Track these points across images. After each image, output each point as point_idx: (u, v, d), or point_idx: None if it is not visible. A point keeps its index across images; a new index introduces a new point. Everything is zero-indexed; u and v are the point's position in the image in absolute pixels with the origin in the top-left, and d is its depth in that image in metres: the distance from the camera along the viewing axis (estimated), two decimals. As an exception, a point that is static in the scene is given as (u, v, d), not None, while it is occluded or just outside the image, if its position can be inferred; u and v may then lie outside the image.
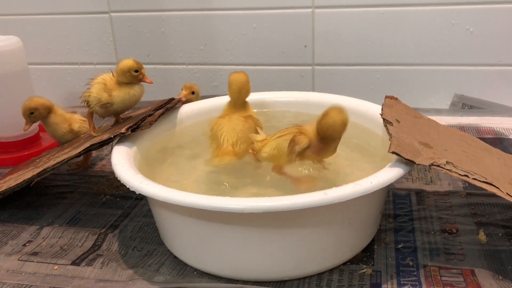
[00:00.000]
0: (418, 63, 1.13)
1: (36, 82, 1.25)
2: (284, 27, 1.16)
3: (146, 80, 0.80)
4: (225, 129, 0.72)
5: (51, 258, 0.68)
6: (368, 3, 1.10)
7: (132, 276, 0.64)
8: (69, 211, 0.80)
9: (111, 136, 0.72)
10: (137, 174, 0.62)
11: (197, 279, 0.63)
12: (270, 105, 0.89)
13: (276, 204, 0.54)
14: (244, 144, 0.71)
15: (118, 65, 0.78)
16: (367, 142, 0.77)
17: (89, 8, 1.23)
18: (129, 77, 0.78)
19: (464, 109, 1.12)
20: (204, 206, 0.55)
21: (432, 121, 0.76)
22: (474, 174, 0.58)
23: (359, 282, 0.61)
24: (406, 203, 0.77)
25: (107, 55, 1.27)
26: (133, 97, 0.80)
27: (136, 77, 0.79)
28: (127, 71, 0.78)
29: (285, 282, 0.61)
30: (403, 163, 0.60)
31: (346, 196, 0.55)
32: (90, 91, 0.79)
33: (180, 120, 0.85)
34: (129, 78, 0.78)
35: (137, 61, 0.78)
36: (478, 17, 1.07)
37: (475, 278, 0.60)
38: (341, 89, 1.16)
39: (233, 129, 0.72)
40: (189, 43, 1.22)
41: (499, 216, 0.72)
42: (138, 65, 0.78)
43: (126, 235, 0.73)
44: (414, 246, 0.67)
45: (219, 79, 1.23)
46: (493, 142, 0.93)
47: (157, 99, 1.22)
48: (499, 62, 1.09)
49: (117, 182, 0.84)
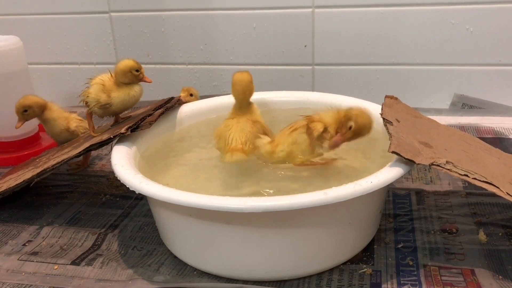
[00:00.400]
0: (418, 63, 1.13)
1: (36, 82, 1.25)
2: (284, 27, 1.16)
3: (146, 79, 0.80)
4: (233, 130, 0.72)
5: (51, 258, 0.68)
6: (368, 3, 1.10)
7: (132, 275, 0.64)
8: (69, 211, 0.80)
9: (111, 136, 0.72)
10: (137, 174, 0.62)
11: (197, 278, 0.63)
12: (270, 105, 0.89)
13: (275, 204, 0.54)
14: (252, 145, 0.71)
15: (117, 65, 0.78)
16: (367, 142, 0.77)
17: (89, 8, 1.23)
18: (130, 77, 0.78)
19: (464, 109, 1.12)
20: (204, 206, 0.55)
21: (432, 121, 0.76)
22: (474, 174, 0.58)
23: (359, 282, 0.61)
24: (406, 203, 0.77)
25: (107, 55, 1.27)
26: (132, 97, 0.80)
27: (137, 76, 0.79)
28: (128, 71, 0.78)
29: (285, 282, 0.61)
30: (403, 162, 0.60)
31: (346, 196, 0.55)
32: (89, 92, 0.79)
33: (180, 120, 0.85)
34: (130, 78, 0.78)
35: (137, 61, 0.79)
36: (478, 17, 1.07)
37: (475, 277, 0.60)
38: (341, 88, 1.16)
39: (242, 129, 0.72)
40: (189, 43, 1.22)
41: (499, 215, 0.72)
42: (138, 64, 0.78)
43: (126, 235, 0.73)
44: (414, 246, 0.67)
45: (219, 79, 1.23)
46: (493, 141, 0.93)
47: (157, 99, 1.22)
48: (499, 62, 1.09)
49: (117, 181, 0.84)
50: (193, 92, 0.95)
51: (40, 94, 0.91)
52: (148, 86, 0.81)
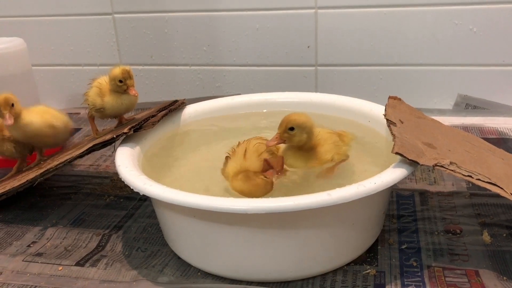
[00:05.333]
0: (421, 64, 1.13)
1: (39, 84, 1.25)
2: (287, 28, 1.16)
3: (131, 92, 0.76)
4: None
5: (55, 259, 0.69)
6: (371, 3, 1.10)
7: (136, 277, 0.64)
8: (73, 212, 0.81)
9: (114, 136, 0.72)
10: (141, 175, 0.62)
11: (201, 279, 0.63)
12: (273, 106, 0.89)
13: (279, 205, 0.54)
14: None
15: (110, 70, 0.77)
16: (371, 143, 0.77)
17: (93, 9, 1.24)
18: (114, 86, 0.76)
19: (467, 109, 1.12)
20: (207, 207, 0.55)
21: (435, 122, 0.76)
22: (477, 175, 0.58)
23: (363, 282, 0.61)
24: (410, 204, 0.77)
25: (110, 57, 1.27)
26: (121, 105, 0.78)
27: (120, 87, 0.76)
28: (112, 79, 0.76)
29: (289, 283, 0.61)
30: (406, 163, 0.59)
31: (350, 197, 0.55)
32: (88, 94, 0.79)
33: (183, 121, 0.85)
34: (114, 87, 0.76)
35: (126, 71, 0.75)
36: (481, 17, 1.07)
37: (479, 278, 0.60)
38: (344, 89, 1.16)
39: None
40: (192, 44, 1.22)
41: (503, 216, 0.72)
42: (124, 75, 0.75)
43: (130, 236, 0.73)
44: (418, 247, 0.67)
45: (222, 80, 1.23)
46: (496, 142, 0.93)
47: (160, 100, 1.23)
48: (503, 62, 1.09)
49: (120, 183, 0.84)
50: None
51: (44, 95, 0.91)
52: (152, 87, 0.81)
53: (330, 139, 0.70)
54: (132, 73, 0.76)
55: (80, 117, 1.23)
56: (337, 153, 0.70)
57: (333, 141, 0.70)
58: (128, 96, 0.77)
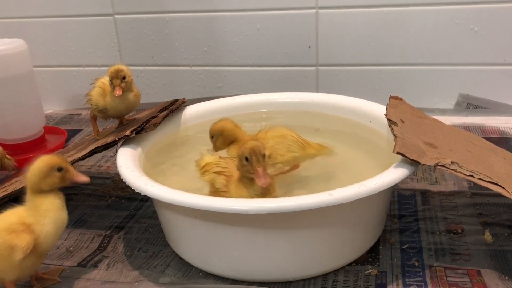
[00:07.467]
0: (422, 63, 1.13)
1: (41, 85, 1.25)
2: (288, 28, 1.16)
3: (116, 92, 0.74)
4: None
5: (57, 260, 0.69)
6: (372, 3, 1.10)
7: (138, 277, 0.64)
8: (75, 213, 0.81)
9: (116, 139, 0.72)
10: (142, 176, 0.62)
11: (202, 280, 0.63)
12: (274, 106, 0.89)
13: (280, 205, 0.54)
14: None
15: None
16: (372, 143, 0.77)
17: (94, 10, 1.24)
18: (110, 85, 0.75)
19: (469, 109, 1.11)
20: (209, 208, 0.55)
21: (437, 121, 0.76)
22: (479, 174, 0.58)
23: (364, 282, 0.60)
24: (411, 204, 0.77)
25: (111, 57, 1.27)
26: (121, 104, 0.77)
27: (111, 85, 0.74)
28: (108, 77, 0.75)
29: (290, 283, 0.61)
30: (408, 163, 0.59)
31: (351, 196, 0.55)
32: (91, 94, 0.79)
33: (184, 122, 0.85)
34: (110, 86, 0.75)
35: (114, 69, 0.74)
36: (482, 16, 1.06)
37: (481, 278, 0.60)
38: (345, 89, 1.16)
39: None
40: (193, 44, 1.22)
41: (504, 216, 0.72)
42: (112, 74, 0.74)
43: (132, 236, 0.73)
44: (420, 247, 0.66)
45: (223, 80, 1.23)
46: (498, 141, 0.93)
47: (161, 101, 1.22)
48: (504, 62, 1.09)
49: (122, 183, 0.84)
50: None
51: (45, 96, 0.91)
52: (153, 88, 0.81)
53: (273, 141, 0.70)
54: (122, 73, 0.74)
55: (81, 118, 1.23)
56: (280, 154, 0.69)
57: (276, 143, 0.70)
58: (131, 95, 0.77)
